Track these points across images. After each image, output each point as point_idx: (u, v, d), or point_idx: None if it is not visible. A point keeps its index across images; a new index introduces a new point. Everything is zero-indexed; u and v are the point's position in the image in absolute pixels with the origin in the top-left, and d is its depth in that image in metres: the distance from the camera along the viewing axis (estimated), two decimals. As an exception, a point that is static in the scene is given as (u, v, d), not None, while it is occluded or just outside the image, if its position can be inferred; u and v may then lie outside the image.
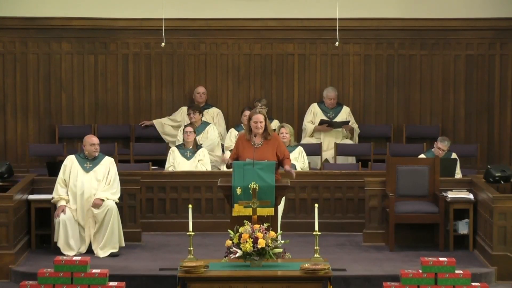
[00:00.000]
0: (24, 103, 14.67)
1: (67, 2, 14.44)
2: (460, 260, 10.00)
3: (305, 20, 14.48)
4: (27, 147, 14.19)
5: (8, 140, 14.56)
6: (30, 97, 14.65)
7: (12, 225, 11.10)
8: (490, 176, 12.04)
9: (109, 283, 9.35)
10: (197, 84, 14.50)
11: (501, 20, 14.44)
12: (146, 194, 12.41)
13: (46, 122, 14.65)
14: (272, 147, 10.62)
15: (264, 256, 9.82)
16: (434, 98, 14.73)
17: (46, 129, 14.62)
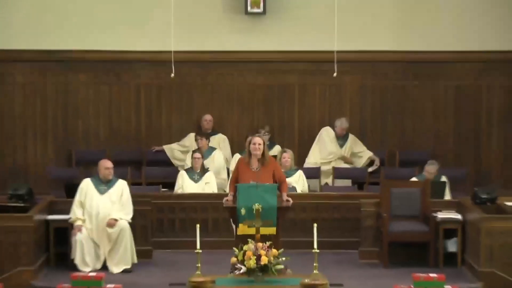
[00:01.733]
0: (44, 129, 14.73)
1: (83, 36, 14.48)
2: (449, 276, 9.92)
3: (305, 53, 14.53)
4: (46, 171, 14.26)
5: (29, 163, 14.61)
6: (49, 124, 14.71)
7: (32, 244, 11.11)
8: (477, 198, 12.02)
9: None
10: (204, 112, 14.52)
11: (487, 53, 14.47)
12: (157, 215, 12.40)
13: (64, 147, 14.69)
14: (269, 171, 10.65)
15: (266, 272, 9.81)
16: (426, 125, 14.78)
17: (64, 153, 14.66)
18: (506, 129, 14.71)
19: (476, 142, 14.74)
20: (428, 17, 14.59)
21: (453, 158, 14.57)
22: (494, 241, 11.03)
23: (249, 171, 10.62)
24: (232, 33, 14.65)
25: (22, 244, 11.06)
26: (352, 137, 14.42)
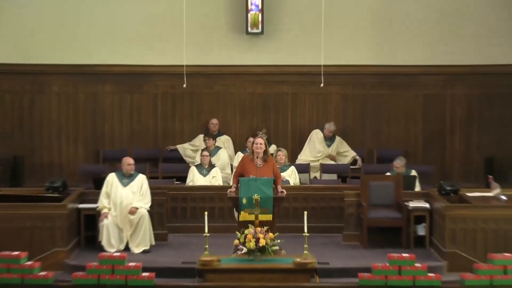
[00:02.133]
0: (75, 132, 14.75)
1: (109, 53, 14.49)
2: (419, 256, 9.95)
3: (296, 67, 14.52)
4: (77, 167, 14.26)
5: (63, 161, 14.65)
6: (80, 127, 14.73)
7: (65, 228, 11.14)
8: (442, 190, 12.03)
9: (142, 273, 9.44)
10: (211, 117, 14.50)
11: (451, 67, 14.50)
12: (171, 204, 12.36)
13: (92, 146, 14.72)
14: (270, 167, 10.74)
15: (264, 252, 9.86)
16: (399, 128, 14.79)
17: (92, 152, 14.69)
18: (466, 132, 14.72)
19: (441, 142, 14.75)
20: (400, 36, 14.59)
21: (422, 156, 14.57)
22: (457, 226, 11.05)
23: (254, 167, 10.65)
24: (234, 50, 14.65)
25: (57, 228, 11.07)
26: (338, 138, 14.39)
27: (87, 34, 14.53)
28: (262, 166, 10.72)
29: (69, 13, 14.49)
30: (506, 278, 9.63)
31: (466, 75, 14.55)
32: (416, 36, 14.61)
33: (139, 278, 9.48)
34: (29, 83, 14.60)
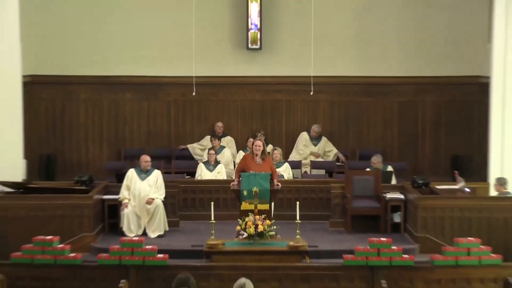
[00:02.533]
0: (100, 133, 14.76)
1: (129, 65, 14.47)
2: (395, 240, 9.96)
3: (290, 77, 14.50)
4: (102, 164, 14.27)
5: (89, 159, 14.66)
6: (104, 130, 14.74)
7: (92, 216, 11.21)
8: (415, 183, 12.09)
9: (157, 255, 9.44)
10: (217, 120, 14.49)
11: (422, 78, 14.53)
12: (182, 195, 12.35)
13: (115, 146, 14.72)
14: (267, 164, 10.81)
15: (262, 237, 9.93)
16: (377, 131, 14.78)
17: (115, 151, 14.68)
18: (435, 133, 14.73)
19: (413, 142, 14.74)
20: (378, 51, 14.59)
21: (397, 154, 14.55)
22: (427, 214, 11.12)
23: (253, 164, 10.73)
24: (236, 63, 14.66)
25: (85, 216, 11.14)
26: (324, 139, 14.38)
27: (110, 50, 14.54)
28: (261, 163, 10.81)
29: (95, 32, 14.48)
30: (469, 259, 9.66)
31: (435, 84, 14.56)
32: (392, 51, 14.61)
33: (155, 259, 9.48)
34: (60, 91, 14.59)
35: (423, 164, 14.49)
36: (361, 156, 14.42)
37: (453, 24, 14.45)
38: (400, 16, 14.54)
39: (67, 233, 10.70)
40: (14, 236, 10.63)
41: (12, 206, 11.14)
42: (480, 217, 11.09)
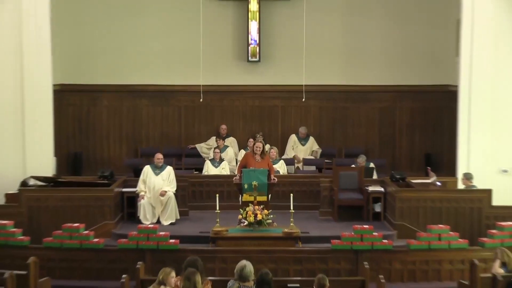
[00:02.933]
0: (120, 135, 14.71)
1: (145, 75, 14.43)
2: (375, 227, 10.01)
3: (285, 86, 14.47)
4: (121, 161, 14.25)
5: (111, 156, 14.61)
6: (123, 131, 14.69)
7: (112, 206, 11.22)
8: (393, 178, 12.08)
9: (169, 240, 9.50)
10: (221, 123, 14.44)
11: (399, 86, 14.50)
12: (191, 188, 12.31)
13: (133, 145, 14.66)
14: (265, 162, 10.87)
15: (261, 225, 9.99)
16: (361, 132, 14.73)
17: (133, 150, 14.63)
18: (410, 134, 14.70)
19: (392, 142, 14.69)
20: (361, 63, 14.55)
21: (378, 152, 14.49)
22: (404, 205, 11.14)
23: (254, 161, 10.81)
24: (238, 73, 14.62)
25: (106, 206, 11.14)
26: (312, 138, 14.34)
27: (129, 62, 14.51)
28: (260, 161, 10.87)
29: (117, 47, 14.45)
30: (440, 243, 9.70)
31: (410, 92, 14.53)
32: (373, 63, 14.57)
33: (167, 243, 9.51)
34: (86, 98, 14.57)
35: (400, 161, 14.47)
36: (346, 154, 14.38)
37: (426, 40, 14.42)
38: (380, 33, 14.51)
39: (91, 221, 10.71)
40: (45, 224, 10.71)
41: (44, 198, 11.15)
42: (449, 207, 11.11)
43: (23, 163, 12.27)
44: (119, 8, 14.37)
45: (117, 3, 14.37)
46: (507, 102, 12.38)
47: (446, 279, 9.53)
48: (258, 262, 8.43)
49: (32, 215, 10.94)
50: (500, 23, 12.21)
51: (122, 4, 14.37)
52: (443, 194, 11.39)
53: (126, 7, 14.37)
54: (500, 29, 12.24)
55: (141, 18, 14.40)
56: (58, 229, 9.85)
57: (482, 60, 12.25)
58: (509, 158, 12.38)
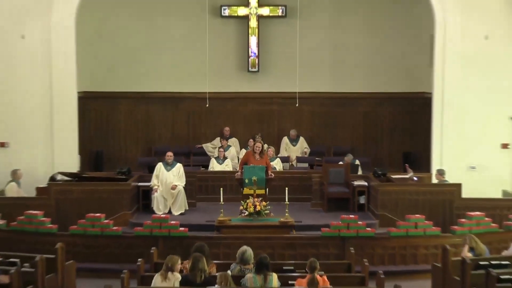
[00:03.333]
0: (136, 136, 14.69)
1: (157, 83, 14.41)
2: (360, 217, 10.09)
3: (281, 93, 14.45)
4: (137, 158, 14.19)
5: (128, 155, 14.56)
6: (139, 133, 14.67)
7: (129, 198, 11.24)
8: (376, 173, 12.09)
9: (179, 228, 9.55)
10: (225, 125, 14.39)
11: (380, 94, 14.50)
12: (199, 182, 12.28)
13: (147, 145, 14.64)
14: (264, 159, 10.93)
15: (259, 215, 10.01)
16: (347, 133, 14.70)
17: (147, 149, 14.61)
18: (391, 135, 14.68)
19: (374, 142, 14.68)
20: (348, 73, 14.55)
21: (362, 151, 14.46)
22: (385, 197, 11.15)
23: (253, 159, 10.87)
24: (240, 82, 14.62)
25: (124, 199, 11.16)
26: (302, 139, 14.29)
27: (143, 72, 14.51)
28: (259, 159, 10.92)
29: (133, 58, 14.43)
30: (416, 231, 9.75)
31: (390, 98, 14.53)
32: (358, 73, 14.57)
33: (177, 231, 9.56)
34: (106, 103, 14.56)
35: (381, 159, 14.43)
36: (334, 152, 14.38)
37: (404, 52, 14.43)
38: (363, 47, 14.51)
39: (111, 211, 10.68)
40: (71, 214, 10.70)
41: (69, 191, 11.19)
42: (425, 199, 11.14)
43: (52, 161, 12.31)
44: (135, 25, 14.38)
45: (134, 21, 14.37)
46: (475, 107, 12.44)
47: (422, 262, 9.58)
48: (257, 247, 8.44)
49: (59, 206, 10.95)
50: (468, 38, 12.28)
51: (137, 21, 14.37)
52: (419, 188, 11.42)
53: (141, 24, 14.38)
54: (468, 43, 12.30)
55: (154, 33, 14.41)
56: (82, 218, 9.88)
57: (453, 70, 12.32)
58: (476, 156, 12.42)
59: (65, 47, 12.31)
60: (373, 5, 14.33)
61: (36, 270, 7.77)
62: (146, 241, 9.41)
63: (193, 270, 6.86)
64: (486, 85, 12.36)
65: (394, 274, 8.99)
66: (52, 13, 12.16)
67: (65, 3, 12.17)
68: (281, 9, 14.24)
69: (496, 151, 12.43)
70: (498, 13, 12.10)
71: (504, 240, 9.74)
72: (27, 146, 12.31)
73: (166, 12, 14.33)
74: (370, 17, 14.39)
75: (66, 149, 12.44)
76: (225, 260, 8.44)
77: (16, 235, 9.77)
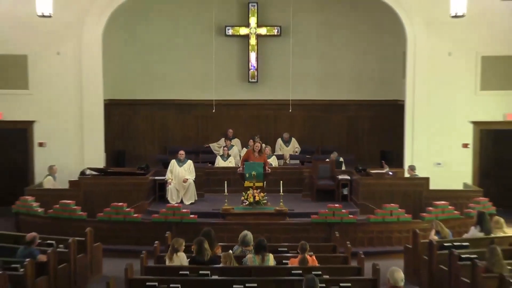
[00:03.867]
0: (152, 137, 14.64)
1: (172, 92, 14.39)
2: (344, 206, 10.17)
3: (276, 100, 14.41)
4: (154, 156, 14.17)
5: (146, 153, 14.47)
6: (155, 135, 14.61)
7: (147, 190, 11.26)
8: (357, 169, 12.12)
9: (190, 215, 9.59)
10: (229, 127, 14.32)
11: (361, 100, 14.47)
12: (206, 176, 12.27)
13: (162, 145, 14.59)
14: (262, 157, 10.96)
15: (258, 204, 10.05)
16: (333, 134, 14.58)
17: (163, 148, 14.55)
18: (370, 136, 14.63)
19: (356, 142, 14.64)
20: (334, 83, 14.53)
21: (346, 150, 14.40)
22: (365, 189, 11.16)
23: (253, 156, 10.89)
24: (241, 91, 14.59)
25: (143, 190, 11.17)
26: (293, 139, 14.22)
27: (160, 82, 14.49)
28: (258, 156, 10.93)
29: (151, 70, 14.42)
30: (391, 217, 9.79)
31: (369, 105, 14.51)
32: (342, 83, 14.55)
33: (188, 218, 9.59)
34: (127, 109, 14.54)
35: (362, 156, 14.39)
36: (322, 151, 14.36)
37: (381, 66, 14.43)
38: (347, 61, 14.51)
39: (132, 201, 10.71)
40: (98, 203, 10.70)
41: (97, 183, 11.22)
42: (398, 190, 11.17)
43: (82, 158, 12.33)
44: (153, 43, 14.38)
45: (152, 39, 14.37)
46: (440, 113, 12.49)
47: (396, 244, 9.63)
48: (256, 232, 8.47)
49: (88, 197, 10.97)
50: (434, 55, 12.34)
51: (155, 40, 14.37)
52: (393, 181, 11.43)
53: (158, 42, 14.38)
54: (434, 59, 12.36)
55: (169, 50, 14.39)
56: (107, 207, 9.92)
57: (422, 81, 12.36)
58: (442, 154, 12.46)
59: (93, 62, 12.34)
60: (355, 25, 14.33)
61: (69, 251, 7.84)
62: (162, 226, 9.45)
63: (200, 252, 6.88)
64: (450, 94, 12.39)
65: (372, 254, 9.04)
66: (83, 34, 12.22)
67: (93, 27, 12.20)
68: (277, 29, 14.26)
69: (458, 150, 12.46)
70: (459, 34, 12.15)
71: (464, 224, 9.80)
72: (61, 146, 12.33)
73: (179, 31, 14.34)
74: (353, 36, 14.39)
75: (93, 148, 12.45)
76: (229, 242, 8.44)
77: (52, 221, 9.85)
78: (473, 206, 10.18)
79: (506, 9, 11.63)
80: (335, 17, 14.35)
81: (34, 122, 12.35)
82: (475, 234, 8.46)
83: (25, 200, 10.35)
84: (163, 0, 14.13)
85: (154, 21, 14.30)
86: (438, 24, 12.12)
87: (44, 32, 12.07)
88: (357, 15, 14.25)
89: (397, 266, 5.76)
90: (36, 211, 10.11)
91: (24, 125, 12.32)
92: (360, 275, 6.92)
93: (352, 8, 14.20)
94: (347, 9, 14.24)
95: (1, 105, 12.14)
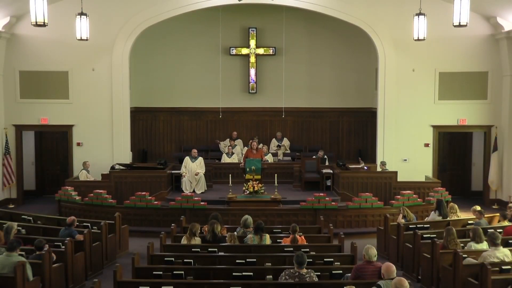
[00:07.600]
0: (170, 139, 14.49)
1: (186, 101, 14.28)
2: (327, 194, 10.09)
3: (272, 107, 14.29)
4: (171, 154, 14.08)
5: (165, 152, 14.37)
6: (172, 136, 14.49)
7: (165, 182, 11.18)
8: (338, 164, 12.05)
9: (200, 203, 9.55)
10: (233, 131, 14.28)
11: (341, 108, 14.34)
12: (214, 170, 12.24)
13: (179, 144, 14.47)
14: (260, 154, 10.95)
15: (257, 193, 10.04)
16: (318, 136, 14.51)
17: (178, 147, 14.45)
18: (349, 137, 14.51)
19: (337, 142, 14.52)
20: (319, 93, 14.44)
21: (329, 148, 14.31)
22: (344, 181, 11.12)
23: (252, 154, 10.90)
24: (243, 100, 14.46)
25: (162, 182, 11.10)
26: (286, 139, 14.18)
27: (176, 92, 14.39)
28: (256, 154, 10.82)
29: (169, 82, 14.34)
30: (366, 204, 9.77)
31: (348, 112, 14.42)
32: (325, 93, 14.47)
33: (199, 205, 9.56)
34: (149, 116, 14.43)
35: (342, 154, 14.36)
36: (309, 150, 14.30)
37: (358, 79, 14.36)
38: (330, 75, 14.43)
39: (153, 190, 10.74)
40: (125, 192, 10.79)
41: (124, 176, 11.20)
42: (372, 182, 11.16)
43: (112, 155, 12.30)
44: (171, 60, 14.31)
45: (170, 57, 14.28)
46: (406, 118, 12.49)
47: (370, 226, 9.63)
48: (255, 216, 8.47)
49: (117, 187, 10.97)
50: (400, 70, 12.33)
51: (173, 57, 14.29)
52: (368, 174, 11.42)
53: (175, 59, 14.29)
54: (401, 74, 12.36)
55: (184, 66, 14.32)
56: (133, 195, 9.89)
57: (391, 92, 12.35)
58: (407, 152, 12.46)
59: (121, 77, 12.32)
60: (336, 46, 14.30)
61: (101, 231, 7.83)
62: (177, 211, 9.46)
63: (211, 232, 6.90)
64: (413, 103, 12.40)
65: (351, 234, 9.06)
66: (113, 53, 12.20)
67: (122, 48, 12.19)
68: (272, 49, 14.22)
69: (421, 148, 12.45)
70: (421, 53, 12.19)
71: (426, 210, 9.83)
72: (95, 145, 12.31)
73: (192, 51, 14.28)
74: (334, 55, 14.34)
75: (122, 147, 12.42)
76: (233, 225, 8.48)
77: (87, 207, 9.86)
78: (432, 194, 10.22)
79: (459, 33, 11.71)
80: (320, 39, 14.33)
81: (73, 125, 12.35)
82: (434, 218, 8.50)
83: (66, 189, 10.38)
84: (179, 27, 14.06)
85: (171, 43, 14.24)
86: (404, 45, 12.14)
87: (82, 52, 12.11)
88: (338, 38, 14.24)
89: (371, 244, 5.77)
90: (75, 199, 10.15)
91: (65, 128, 12.38)
92: (340, 251, 6.94)
93: (334, 32, 14.19)
94: (329, 33, 14.24)
95: (47, 112, 12.21)
